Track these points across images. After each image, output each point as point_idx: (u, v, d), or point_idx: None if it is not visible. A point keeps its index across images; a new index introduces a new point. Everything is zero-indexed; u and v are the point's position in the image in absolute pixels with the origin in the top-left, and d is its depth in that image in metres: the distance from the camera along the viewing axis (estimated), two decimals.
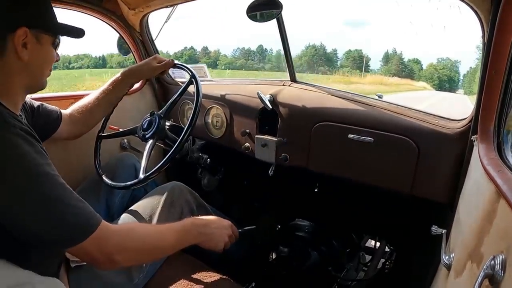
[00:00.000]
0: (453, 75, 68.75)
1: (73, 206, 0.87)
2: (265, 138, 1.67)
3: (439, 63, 71.50)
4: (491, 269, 0.58)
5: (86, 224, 0.88)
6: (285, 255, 1.74)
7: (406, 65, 73.55)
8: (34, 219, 0.82)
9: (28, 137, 0.86)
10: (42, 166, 0.84)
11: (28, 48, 0.93)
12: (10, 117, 0.86)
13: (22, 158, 0.82)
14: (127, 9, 1.87)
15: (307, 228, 1.79)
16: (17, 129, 0.84)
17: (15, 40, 0.90)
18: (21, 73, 0.96)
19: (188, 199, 1.42)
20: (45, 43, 0.99)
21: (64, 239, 0.87)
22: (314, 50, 78.60)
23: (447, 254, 0.97)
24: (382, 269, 1.85)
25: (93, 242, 0.89)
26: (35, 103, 1.31)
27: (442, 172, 1.25)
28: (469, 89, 45.34)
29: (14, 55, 0.92)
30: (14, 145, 0.82)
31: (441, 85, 61.48)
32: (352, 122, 1.42)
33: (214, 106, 1.90)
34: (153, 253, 1.08)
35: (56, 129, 1.38)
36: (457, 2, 1.05)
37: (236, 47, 60.79)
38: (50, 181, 0.85)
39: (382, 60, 78.41)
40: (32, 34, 0.93)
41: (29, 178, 0.81)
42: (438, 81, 63.58)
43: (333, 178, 1.53)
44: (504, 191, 0.65)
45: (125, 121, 1.77)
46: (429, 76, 65.76)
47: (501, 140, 0.95)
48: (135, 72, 1.49)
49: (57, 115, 1.39)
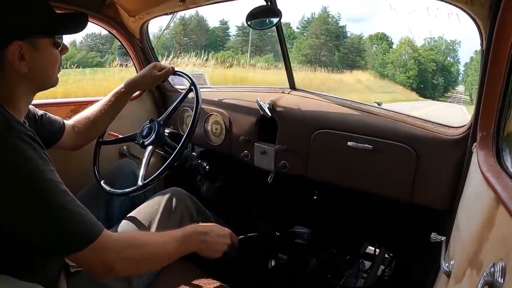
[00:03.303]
0: (447, 63, 45.47)
1: (75, 214, 0.87)
2: (264, 146, 1.67)
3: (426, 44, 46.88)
4: (491, 276, 0.58)
5: (88, 233, 0.88)
6: (284, 263, 1.74)
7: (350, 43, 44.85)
8: (36, 225, 0.82)
9: (33, 142, 0.86)
10: (45, 172, 0.84)
11: (26, 59, 0.92)
12: (15, 123, 0.86)
13: (26, 163, 0.82)
14: (127, 16, 1.88)
15: (306, 235, 1.79)
16: (22, 134, 0.84)
17: (8, 56, 0.89)
18: (23, 83, 0.95)
19: (188, 205, 1.41)
20: (43, 47, 0.97)
21: (65, 247, 0.87)
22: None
23: (447, 261, 0.97)
24: (382, 276, 1.84)
25: (94, 251, 0.88)
26: (38, 112, 1.31)
27: (441, 179, 1.26)
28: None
29: (12, 69, 0.91)
30: (18, 150, 0.82)
31: (422, 81, 40.40)
32: (351, 130, 1.43)
33: (214, 113, 1.90)
34: (153, 262, 1.07)
35: (59, 140, 1.38)
36: (455, 9, 1.06)
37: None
38: (53, 188, 0.84)
39: (300, 28, 47.69)
40: (26, 44, 0.91)
41: (32, 184, 0.81)
42: (416, 70, 40.24)
43: (332, 186, 1.53)
44: (503, 198, 0.65)
45: (124, 128, 1.77)
46: (398, 61, 42.06)
47: (500, 146, 0.96)
48: (138, 83, 1.50)
49: (60, 126, 1.39)
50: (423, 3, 22.93)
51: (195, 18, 41.74)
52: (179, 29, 39.42)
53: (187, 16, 43.90)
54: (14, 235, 0.82)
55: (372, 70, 41.91)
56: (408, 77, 39.91)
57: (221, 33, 45.86)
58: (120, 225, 1.30)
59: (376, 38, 46.84)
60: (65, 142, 1.41)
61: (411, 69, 40.53)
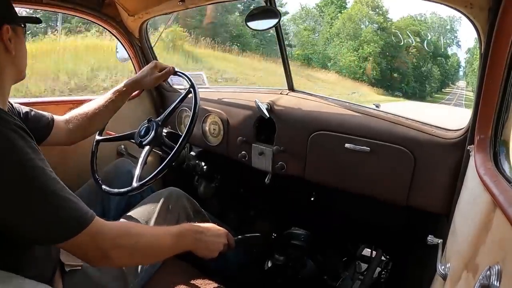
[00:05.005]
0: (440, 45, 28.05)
1: (67, 200, 0.86)
2: (262, 147, 1.67)
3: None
4: (487, 280, 0.58)
5: (80, 218, 0.88)
6: (280, 264, 1.74)
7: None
8: (28, 213, 0.82)
9: (21, 132, 0.85)
10: (35, 160, 0.84)
11: (12, 42, 0.98)
12: (3, 113, 0.86)
13: (16, 152, 0.81)
14: (127, 15, 1.88)
15: (303, 236, 1.79)
16: (11, 124, 0.84)
17: (3, 37, 0.95)
18: (10, 66, 1.00)
19: (185, 205, 1.41)
20: (21, 35, 1.04)
21: (57, 234, 0.86)
22: None
23: (443, 264, 0.97)
24: (378, 279, 1.84)
25: (88, 236, 0.88)
26: (23, 109, 1.30)
27: (438, 182, 1.26)
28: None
29: (4, 50, 0.97)
30: (7, 140, 0.81)
31: (391, 68, 25.32)
32: (349, 131, 1.43)
33: (212, 114, 1.90)
34: (148, 253, 1.06)
35: (47, 135, 1.36)
36: (455, 13, 1.06)
37: None
38: (44, 175, 0.84)
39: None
40: (12, 29, 0.97)
41: (23, 172, 0.81)
42: (381, 47, 24.78)
43: (329, 187, 1.53)
44: (500, 201, 0.65)
45: (122, 127, 1.76)
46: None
47: (497, 150, 0.96)
48: (138, 82, 1.49)
49: (48, 121, 1.37)
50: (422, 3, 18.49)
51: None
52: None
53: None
54: (6, 225, 0.82)
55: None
56: (363, 57, 24.22)
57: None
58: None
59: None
60: (56, 138, 1.39)
61: (372, 43, 24.45)
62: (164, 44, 14.34)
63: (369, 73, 24.60)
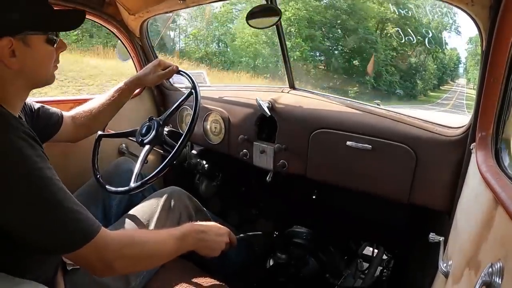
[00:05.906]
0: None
1: (73, 212, 0.86)
2: (263, 145, 1.67)
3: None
4: (489, 277, 0.58)
5: (86, 230, 0.88)
6: (282, 262, 1.74)
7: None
8: (34, 223, 0.82)
9: (30, 140, 0.85)
10: (43, 170, 0.84)
11: (17, 55, 0.89)
12: (12, 119, 0.86)
13: (24, 161, 0.81)
14: (127, 14, 1.88)
15: (305, 235, 1.79)
16: (20, 132, 0.84)
17: (2, 51, 0.87)
18: (16, 80, 0.93)
19: (187, 204, 1.41)
20: (36, 44, 0.93)
21: (63, 245, 0.86)
22: None
23: (445, 261, 0.97)
24: (380, 277, 1.84)
25: (92, 248, 0.88)
26: (35, 105, 1.30)
27: (440, 179, 1.26)
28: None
29: (3, 65, 0.89)
30: (16, 148, 0.81)
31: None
32: (351, 129, 1.43)
33: (213, 112, 1.90)
34: (151, 260, 1.07)
35: (57, 131, 1.37)
36: (456, 10, 1.06)
37: None
38: (51, 186, 0.84)
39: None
40: (17, 40, 0.88)
41: (30, 182, 0.81)
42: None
43: (331, 185, 1.53)
44: (502, 198, 0.65)
45: (123, 126, 1.76)
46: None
47: (499, 147, 0.96)
48: (141, 80, 1.49)
49: (58, 118, 1.38)
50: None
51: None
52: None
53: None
54: (12, 234, 0.82)
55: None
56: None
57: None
58: (118, 223, 1.30)
59: None
60: (63, 134, 1.40)
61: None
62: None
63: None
